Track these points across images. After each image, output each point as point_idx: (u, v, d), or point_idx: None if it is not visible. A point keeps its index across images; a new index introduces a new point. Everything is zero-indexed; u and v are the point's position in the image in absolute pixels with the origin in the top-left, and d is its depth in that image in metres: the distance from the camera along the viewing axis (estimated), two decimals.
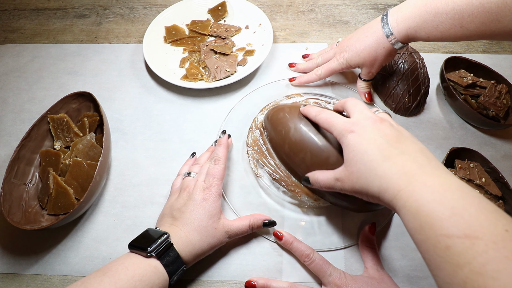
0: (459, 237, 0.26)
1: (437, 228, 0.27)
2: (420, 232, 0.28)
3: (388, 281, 0.41)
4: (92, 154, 0.51)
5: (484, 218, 0.26)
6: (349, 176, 0.36)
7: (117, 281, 0.35)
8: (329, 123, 0.39)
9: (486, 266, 0.24)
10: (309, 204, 0.48)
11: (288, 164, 0.47)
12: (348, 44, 0.54)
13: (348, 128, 0.36)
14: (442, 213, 0.27)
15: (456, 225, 0.26)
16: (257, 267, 0.45)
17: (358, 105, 0.40)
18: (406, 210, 0.30)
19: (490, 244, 0.25)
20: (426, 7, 0.44)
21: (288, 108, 0.48)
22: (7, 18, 0.79)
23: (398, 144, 0.34)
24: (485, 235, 0.25)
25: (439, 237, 0.27)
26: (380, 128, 0.35)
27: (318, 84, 0.61)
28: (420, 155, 0.33)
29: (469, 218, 0.26)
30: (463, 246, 0.25)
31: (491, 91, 0.55)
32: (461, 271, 0.25)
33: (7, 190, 0.47)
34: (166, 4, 0.77)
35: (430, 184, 0.30)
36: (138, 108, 0.61)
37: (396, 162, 0.32)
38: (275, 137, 0.47)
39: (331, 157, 0.42)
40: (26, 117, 0.61)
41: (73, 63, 0.68)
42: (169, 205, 0.45)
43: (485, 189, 0.48)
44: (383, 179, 0.32)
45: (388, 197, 0.32)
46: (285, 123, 0.46)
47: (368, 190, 0.34)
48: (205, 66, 0.64)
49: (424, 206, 0.29)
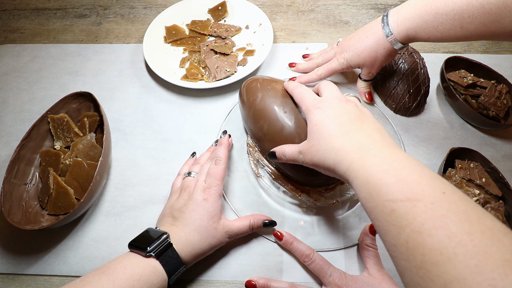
0: (402, 200, 0.28)
1: (384, 194, 0.29)
2: (369, 200, 0.30)
3: (389, 281, 0.41)
4: (92, 154, 0.51)
5: (425, 183, 0.28)
6: (310, 149, 0.38)
7: (115, 280, 0.35)
8: (301, 97, 0.42)
9: (424, 225, 0.25)
10: (309, 204, 0.48)
11: (250, 131, 0.50)
12: (349, 44, 0.54)
13: (315, 105, 0.39)
14: (389, 180, 0.29)
15: (400, 190, 0.28)
16: (257, 267, 0.45)
17: (329, 86, 0.42)
18: (358, 181, 0.32)
19: (428, 205, 0.26)
20: (426, 7, 0.44)
21: (262, 79, 0.51)
22: (7, 18, 0.79)
23: (358, 122, 0.37)
24: (425, 197, 0.27)
25: (385, 203, 0.29)
26: (344, 107, 0.38)
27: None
28: (376, 132, 0.35)
29: (412, 183, 0.28)
30: (405, 208, 0.27)
31: (491, 91, 0.55)
32: (404, 232, 0.26)
33: (7, 190, 0.47)
34: (166, 4, 0.77)
35: (379, 156, 0.32)
36: (138, 108, 0.61)
37: (353, 137, 0.35)
38: (246, 104, 0.49)
39: (286, 128, 0.44)
40: (26, 117, 0.61)
41: (73, 63, 0.68)
42: (169, 205, 0.45)
43: (485, 189, 0.48)
44: (339, 151, 0.34)
45: (342, 168, 0.34)
46: (255, 92, 0.49)
47: (324, 163, 0.36)
48: (205, 66, 0.64)
49: (373, 175, 0.31)
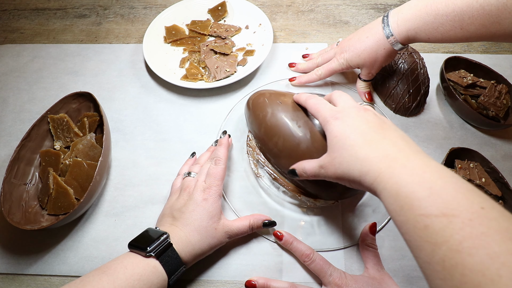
0: (436, 216, 0.26)
1: (416, 208, 0.27)
2: (400, 213, 0.29)
3: (389, 281, 0.41)
4: (92, 154, 0.51)
5: (461, 196, 0.26)
6: (332, 162, 0.36)
7: (115, 280, 0.35)
8: (316, 108, 0.40)
9: (463, 243, 0.24)
10: (309, 204, 0.48)
11: (262, 149, 0.48)
12: (349, 45, 0.54)
13: (333, 115, 0.38)
14: (421, 193, 0.28)
15: (434, 204, 0.27)
16: (257, 267, 0.45)
17: (343, 95, 0.41)
18: (386, 192, 0.30)
19: (466, 221, 0.25)
20: (426, 8, 0.44)
21: (269, 94, 0.49)
22: (7, 18, 0.79)
23: (380, 130, 0.35)
24: (462, 212, 0.25)
25: (418, 217, 0.27)
26: (363, 116, 0.37)
27: (318, 84, 0.61)
28: (400, 140, 0.34)
29: (447, 197, 0.27)
30: (441, 224, 0.25)
31: (491, 91, 0.55)
32: (439, 250, 0.25)
33: (7, 190, 0.47)
34: (166, 4, 0.77)
35: (409, 166, 0.30)
36: (138, 108, 0.61)
37: (378, 146, 0.33)
38: (254, 121, 0.48)
39: (302, 143, 0.42)
40: (26, 117, 0.61)
41: (73, 63, 0.68)
42: (169, 205, 0.45)
43: (485, 189, 0.48)
44: (364, 162, 0.33)
45: (369, 180, 0.32)
46: (263, 108, 0.47)
47: (349, 175, 0.34)
48: (205, 66, 0.64)
49: (404, 187, 0.29)
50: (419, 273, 0.44)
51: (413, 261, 0.44)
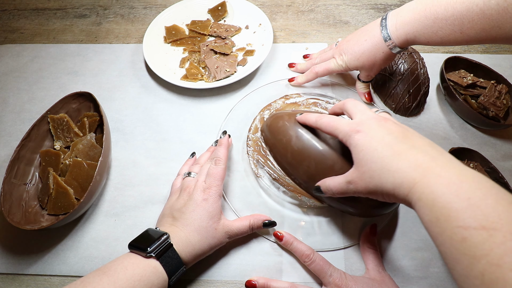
0: (475, 228, 0.25)
1: (453, 219, 0.26)
2: (436, 224, 0.28)
3: (389, 282, 0.41)
4: (92, 154, 0.51)
5: (502, 209, 0.25)
6: (361, 177, 0.35)
7: (116, 281, 0.35)
8: (332, 126, 0.39)
9: (504, 257, 0.23)
10: (309, 204, 0.48)
11: (290, 174, 0.46)
12: (347, 47, 0.54)
13: (354, 128, 0.36)
14: (459, 204, 0.27)
15: (473, 216, 0.26)
16: (257, 267, 0.45)
17: (358, 105, 0.39)
18: (422, 203, 0.29)
19: (508, 235, 0.24)
20: (425, 12, 0.43)
21: (287, 116, 0.47)
22: (7, 18, 0.79)
23: (406, 139, 0.34)
24: (503, 226, 0.24)
25: (455, 229, 0.26)
26: (385, 126, 0.35)
27: (318, 84, 0.61)
28: (430, 148, 0.33)
29: (486, 209, 0.26)
30: (480, 237, 0.25)
31: (491, 91, 0.55)
32: (478, 263, 0.24)
33: (7, 190, 0.47)
34: (166, 4, 0.77)
35: (445, 175, 0.29)
36: (138, 108, 0.61)
37: (408, 156, 0.32)
38: (277, 146, 0.46)
39: (337, 163, 0.41)
40: (26, 117, 0.61)
41: (73, 63, 0.68)
42: (169, 206, 0.45)
43: None
44: (396, 174, 0.32)
45: (403, 191, 0.31)
46: (285, 132, 0.45)
47: (383, 188, 0.33)
48: (205, 66, 0.64)
49: (440, 197, 0.28)
50: (419, 273, 0.44)
51: (413, 261, 0.45)
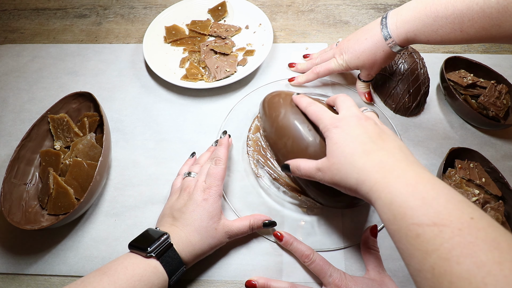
0: (428, 225, 0.27)
1: (409, 217, 0.28)
2: (393, 222, 0.30)
3: (389, 283, 0.41)
4: (92, 154, 0.51)
5: (452, 207, 0.27)
6: (330, 167, 0.37)
7: (116, 281, 0.35)
8: (317, 116, 0.41)
9: (452, 251, 0.25)
10: (309, 204, 0.48)
11: (272, 148, 0.48)
12: (348, 46, 0.54)
13: (334, 123, 0.38)
14: (414, 203, 0.29)
15: (426, 214, 0.27)
16: (257, 267, 0.45)
17: (347, 101, 0.41)
18: (381, 202, 0.31)
19: (456, 231, 0.25)
20: (426, 10, 0.44)
21: (284, 94, 0.49)
22: (7, 18, 0.79)
23: (379, 140, 0.36)
24: (452, 222, 0.26)
25: (410, 226, 0.28)
26: (364, 125, 0.37)
27: (318, 84, 0.61)
28: (398, 151, 0.34)
29: (438, 207, 0.27)
30: (432, 233, 0.26)
31: (491, 91, 0.55)
32: (430, 258, 0.26)
33: (7, 190, 0.47)
34: (166, 4, 0.77)
35: (403, 177, 0.31)
36: (138, 108, 0.61)
37: (375, 157, 0.34)
38: (267, 120, 0.48)
39: (311, 147, 0.43)
40: (26, 117, 0.61)
41: (73, 63, 0.68)
42: (169, 205, 0.45)
43: (485, 189, 0.48)
44: (361, 171, 0.34)
45: (364, 189, 0.33)
46: (277, 108, 0.47)
47: (346, 182, 0.35)
48: (205, 66, 0.64)
49: (397, 197, 0.30)
50: None
51: None
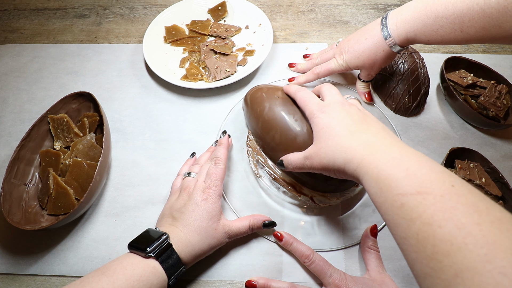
0: (412, 194, 0.28)
1: (394, 188, 0.30)
2: (380, 195, 0.31)
3: (389, 283, 0.41)
4: (92, 154, 0.51)
5: (434, 176, 0.29)
6: (318, 152, 0.38)
7: (115, 281, 0.35)
8: (304, 101, 0.43)
9: (434, 216, 0.26)
10: (309, 204, 0.48)
11: (260, 142, 0.48)
12: (348, 46, 0.54)
13: (320, 109, 0.40)
14: (398, 175, 0.30)
15: (410, 184, 0.29)
16: (257, 267, 0.45)
17: (331, 89, 0.43)
18: (368, 177, 0.33)
19: (437, 197, 0.27)
20: (426, 10, 0.44)
21: (266, 88, 0.50)
22: (7, 18, 0.79)
23: (363, 123, 0.38)
24: (434, 190, 0.28)
25: (396, 197, 0.29)
26: (348, 110, 0.39)
27: (318, 84, 0.61)
28: (382, 131, 0.37)
29: (422, 176, 0.29)
30: (415, 201, 0.28)
31: (491, 91, 0.55)
32: (414, 224, 0.27)
33: (7, 190, 0.47)
34: (166, 4, 0.77)
35: (388, 152, 0.33)
36: (138, 108, 0.61)
37: (360, 136, 0.36)
38: (252, 116, 0.48)
39: (299, 136, 0.44)
40: (26, 117, 0.61)
41: (73, 63, 0.68)
42: (169, 206, 0.45)
43: (485, 189, 0.48)
44: (348, 150, 0.35)
45: (352, 166, 0.35)
46: (261, 102, 0.48)
47: (334, 163, 0.36)
48: (205, 66, 0.64)
49: (384, 170, 0.31)
50: None
51: None
